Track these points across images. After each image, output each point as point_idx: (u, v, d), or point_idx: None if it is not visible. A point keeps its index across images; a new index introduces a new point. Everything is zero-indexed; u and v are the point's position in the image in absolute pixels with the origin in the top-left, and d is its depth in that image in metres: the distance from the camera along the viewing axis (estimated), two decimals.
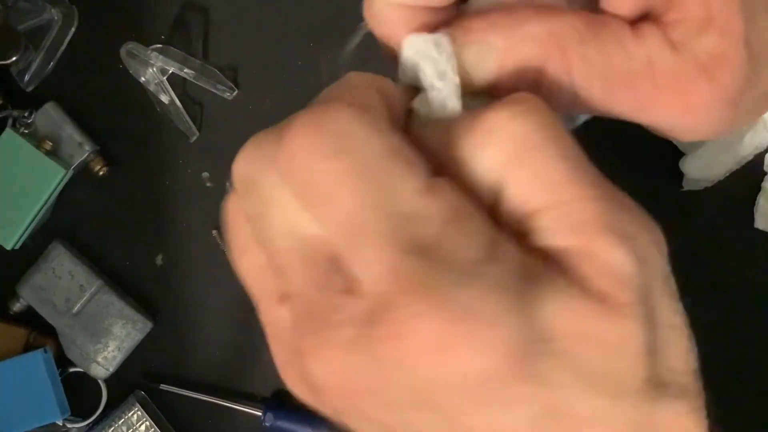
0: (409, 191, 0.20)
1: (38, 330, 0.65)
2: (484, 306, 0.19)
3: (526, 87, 0.24)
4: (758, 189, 0.61)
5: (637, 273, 0.21)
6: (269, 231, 0.22)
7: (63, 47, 0.65)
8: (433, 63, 0.24)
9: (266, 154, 0.22)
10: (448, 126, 0.23)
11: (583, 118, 0.29)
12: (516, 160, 0.21)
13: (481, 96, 0.25)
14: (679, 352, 0.23)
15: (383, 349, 0.19)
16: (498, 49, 0.24)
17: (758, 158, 0.61)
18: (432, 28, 0.25)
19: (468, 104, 0.24)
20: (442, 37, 0.24)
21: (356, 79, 0.24)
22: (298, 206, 0.21)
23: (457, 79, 0.24)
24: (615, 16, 0.25)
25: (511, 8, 0.25)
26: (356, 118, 0.21)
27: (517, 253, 0.21)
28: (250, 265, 0.24)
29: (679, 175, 0.62)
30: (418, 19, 0.25)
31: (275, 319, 0.23)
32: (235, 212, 0.24)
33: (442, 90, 0.24)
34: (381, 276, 0.20)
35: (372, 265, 0.20)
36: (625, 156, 0.63)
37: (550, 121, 0.22)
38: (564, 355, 0.20)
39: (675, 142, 0.61)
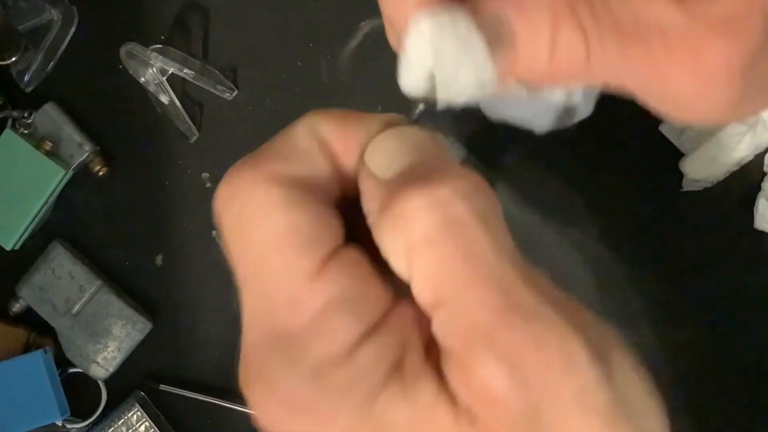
0: (294, 275, 0.21)
1: (38, 330, 0.65)
2: (320, 403, 0.20)
3: (543, 58, 0.24)
4: (758, 189, 0.61)
5: (514, 394, 0.19)
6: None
7: (63, 47, 0.65)
8: (456, 39, 0.23)
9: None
10: (383, 186, 0.22)
11: (584, 112, 0.28)
12: (421, 251, 0.21)
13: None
14: None
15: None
16: (510, 21, 0.24)
17: (758, 158, 0.61)
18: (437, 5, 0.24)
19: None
20: (458, 12, 0.23)
21: (299, 132, 0.24)
22: None
23: (485, 51, 0.23)
24: None
25: None
26: (265, 194, 0.22)
27: (391, 349, 0.21)
28: None
29: (679, 175, 0.62)
30: None
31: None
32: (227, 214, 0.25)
33: (468, 66, 0.23)
34: (243, 356, 0.22)
35: (243, 343, 0.22)
36: (625, 156, 0.63)
37: (467, 214, 0.21)
38: None
39: (675, 143, 0.61)
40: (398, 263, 0.21)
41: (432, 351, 0.22)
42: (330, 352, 0.21)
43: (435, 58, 0.24)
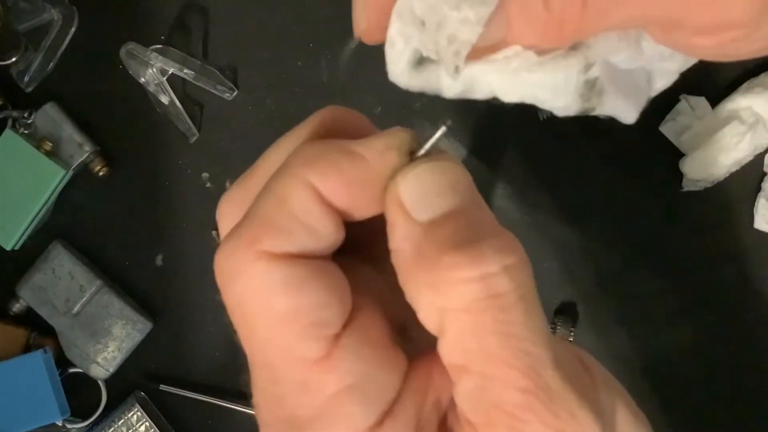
0: (301, 361, 0.20)
1: (38, 330, 0.65)
2: None
3: (538, 11, 0.22)
4: (758, 189, 0.62)
5: None
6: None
7: (63, 47, 0.65)
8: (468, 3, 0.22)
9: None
10: (420, 232, 0.21)
11: (628, 118, 0.27)
12: (457, 317, 0.20)
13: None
14: None
15: None
16: None
17: (758, 158, 0.61)
18: None
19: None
20: None
21: (293, 194, 0.21)
22: None
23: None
24: None
25: None
26: (262, 275, 0.20)
27: (404, 422, 0.21)
28: None
29: (679, 175, 0.62)
30: None
31: None
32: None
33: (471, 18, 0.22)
34: None
35: (258, 419, 0.22)
36: (626, 156, 0.63)
37: (510, 292, 0.20)
38: None
39: (675, 143, 0.61)
40: (428, 316, 0.21)
41: (448, 415, 0.21)
42: None
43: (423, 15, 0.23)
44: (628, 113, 0.27)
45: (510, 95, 0.25)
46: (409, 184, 0.21)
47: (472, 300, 0.20)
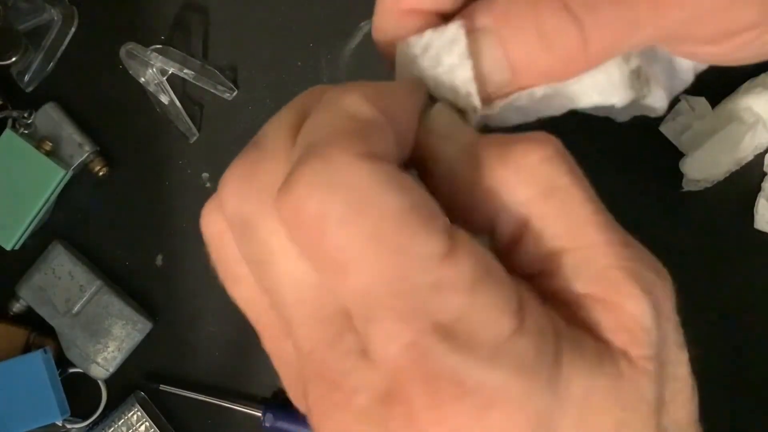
0: (430, 258, 0.18)
1: (38, 330, 0.65)
2: (511, 391, 0.18)
3: (538, 47, 0.23)
4: (758, 189, 0.62)
5: (655, 326, 0.21)
6: (273, 281, 0.21)
7: (63, 47, 0.65)
8: (449, 52, 0.23)
9: (263, 193, 0.20)
10: (469, 145, 0.22)
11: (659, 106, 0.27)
12: (545, 198, 0.21)
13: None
14: (684, 404, 0.23)
15: (397, 429, 0.18)
16: (492, 29, 0.23)
17: (758, 158, 0.61)
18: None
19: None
20: (454, 28, 0.23)
21: (355, 103, 0.21)
22: (306, 266, 0.20)
23: (470, 64, 0.23)
24: None
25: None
26: (370, 174, 0.19)
27: (542, 313, 0.20)
28: (249, 297, 0.23)
29: (679, 175, 0.62)
30: (422, 22, 0.24)
31: (282, 353, 0.23)
32: (220, 231, 0.23)
33: (462, 76, 0.23)
34: (398, 354, 0.18)
35: (389, 341, 0.18)
36: (625, 156, 0.63)
37: (575, 167, 0.22)
38: (580, 416, 0.19)
39: (675, 143, 0.61)
40: (509, 214, 0.21)
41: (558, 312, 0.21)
42: (502, 328, 0.19)
43: (422, 76, 0.24)
44: (662, 102, 0.27)
45: (568, 106, 0.26)
46: (442, 110, 0.23)
47: (558, 177, 0.21)
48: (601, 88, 0.25)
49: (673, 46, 0.25)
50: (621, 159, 0.63)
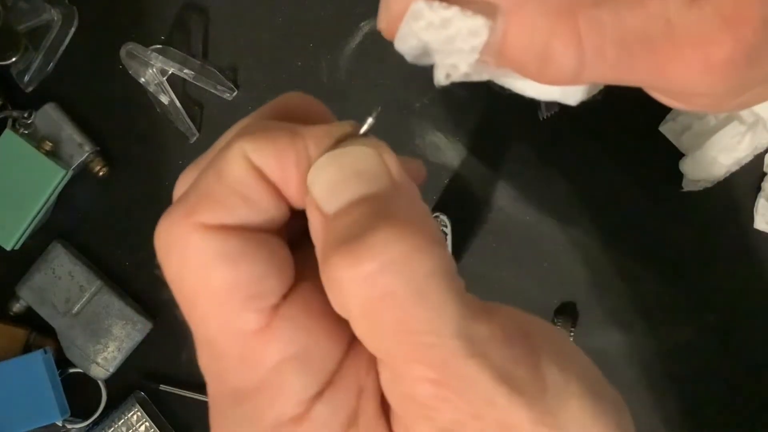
0: (241, 333, 0.20)
1: (38, 330, 0.65)
2: None
3: (533, 55, 0.23)
4: (758, 189, 0.62)
5: None
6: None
7: (63, 47, 0.65)
8: (442, 28, 0.23)
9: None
10: (331, 222, 0.20)
11: (592, 90, 0.28)
12: (357, 321, 0.20)
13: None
14: None
15: None
16: (503, 13, 0.23)
17: (758, 159, 0.61)
18: None
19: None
20: (482, 22, 0.23)
21: (232, 166, 0.21)
22: None
23: (474, 41, 0.23)
24: None
25: None
26: (198, 248, 0.20)
27: (346, 404, 0.20)
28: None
29: (679, 176, 0.62)
30: None
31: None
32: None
33: (456, 55, 0.23)
34: (209, 404, 0.23)
35: (208, 391, 0.23)
36: (625, 156, 0.63)
37: (400, 287, 0.19)
38: None
39: (675, 143, 0.61)
40: (342, 314, 0.20)
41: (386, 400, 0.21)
42: (285, 412, 0.20)
43: (426, 39, 0.24)
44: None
45: (515, 89, 0.26)
46: (312, 175, 0.21)
47: (362, 301, 0.19)
48: (562, 91, 0.26)
49: (648, 90, 0.26)
50: (621, 159, 0.63)
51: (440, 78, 0.24)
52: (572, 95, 0.26)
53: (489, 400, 0.19)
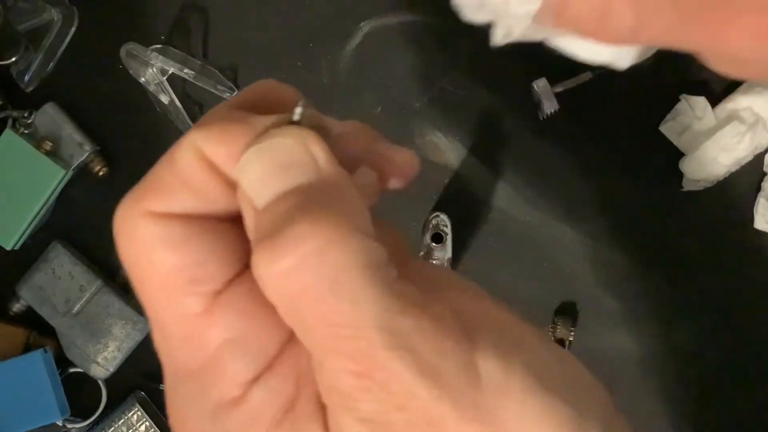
0: (184, 315, 0.21)
1: (38, 330, 0.65)
2: None
3: (592, 12, 0.22)
4: (758, 189, 0.62)
5: None
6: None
7: (63, 47, 0.65)
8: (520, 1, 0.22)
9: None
10: (261, 217, 0.20)
11: (644, 54, 0.27)
12: (282, 312, 0.20)
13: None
14: None
15: None
16: None
17: (758, 159, 0.61)
18: None
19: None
20: None
21: (182, 156, 0.21)
22: None
23: None
24: None
25: None
26: (143, 233, 0.21)
27: (283, 391, 0.21)
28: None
29: (679, 175, 0.62)
30: None
31: None
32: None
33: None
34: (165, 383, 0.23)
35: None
36: (626, 156, 0.63)
37: (314, 282, 0.19)
38: None
39: (675, 143, 0.61)
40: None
41: None
42: (225, 393, 0.21)
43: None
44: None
45: (568, 51, 0.26)
46: (240, 167, 0.21)
47: (281, 297, 0.19)
48: (614, 54, 0.26)
49: (713, 65, 0.26)
50: (621, 159, 0.63)
51: (498, 37, 0.24)
52: (624, 58, 0.26)
53: (411, 392, 0.19)
